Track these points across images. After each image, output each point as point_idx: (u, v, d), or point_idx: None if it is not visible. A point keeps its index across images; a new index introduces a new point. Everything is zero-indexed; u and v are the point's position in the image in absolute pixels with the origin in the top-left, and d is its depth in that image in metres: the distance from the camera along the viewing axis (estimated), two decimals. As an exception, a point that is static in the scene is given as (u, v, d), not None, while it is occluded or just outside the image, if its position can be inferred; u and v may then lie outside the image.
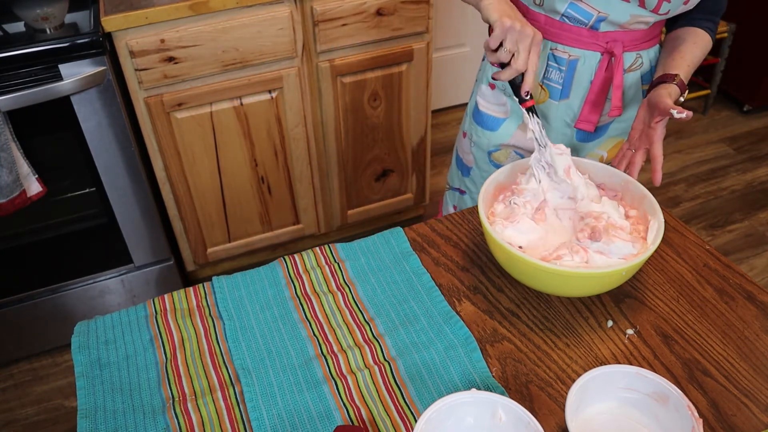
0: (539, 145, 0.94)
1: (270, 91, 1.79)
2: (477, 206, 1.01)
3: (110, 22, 1.52)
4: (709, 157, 2.77)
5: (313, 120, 1.90)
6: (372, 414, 0.78)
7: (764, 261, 2.26)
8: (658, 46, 1.13)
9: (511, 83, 0.95)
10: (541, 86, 1.11)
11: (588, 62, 1.07)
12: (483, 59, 1.23)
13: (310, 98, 1.85)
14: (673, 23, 1.11)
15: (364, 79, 1.86)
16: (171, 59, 1.62)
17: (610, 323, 0.89)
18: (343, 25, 1.74)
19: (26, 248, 1.75)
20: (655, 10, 0.99)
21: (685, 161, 2.74)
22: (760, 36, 2.79)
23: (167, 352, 0.87)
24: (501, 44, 0.91)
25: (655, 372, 0.77)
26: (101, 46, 1.50)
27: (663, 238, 0.96)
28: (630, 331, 0.88)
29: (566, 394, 0.74)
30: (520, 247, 0.90)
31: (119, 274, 1.91)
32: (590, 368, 0.82)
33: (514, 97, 0.98)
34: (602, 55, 1.06)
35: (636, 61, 1.10)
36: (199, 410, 0.79)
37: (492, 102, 1.18)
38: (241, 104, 1.77)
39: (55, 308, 1.88)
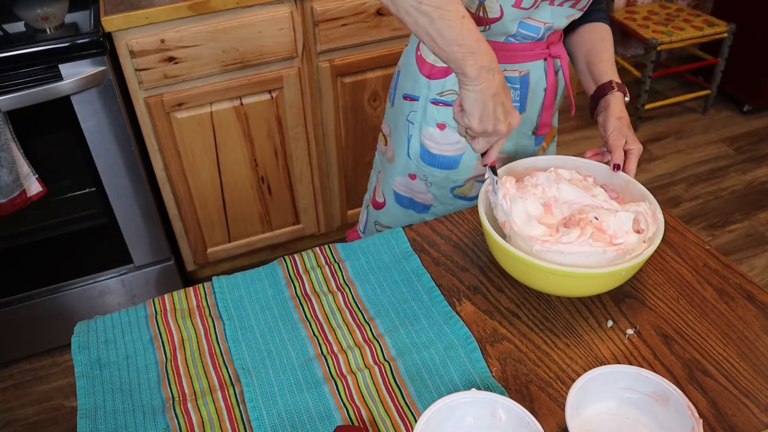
0: (494, 192, 0.94)
1: (270, 91, 1.79)
2: (477, 206, 1.01)
3: (110, 22, 1.52)
4: (709, 157, 2.77)
5: (313, 120, 1.90)
6: (372, 414, 0.78)
7: (764, 261, 2.26)
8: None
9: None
10: None
11: (537, 71, 1.07)
12: (417, 100, 1.12)
13: (310, 98, 1.85)
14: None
15: (364, 79, 1.86)
16: (171, 59, 1.62)
17: (610, 323, 0.89)
18: (343, 25, 1.74)
19: (26, 248, 1.75)
20: (583, 8, 1.03)
21: (685, 161, 2.74)
22: (759, 36, 2.79)
23: (167, 352, 0.87)
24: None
25: (655, 372, 0.77)
26: (101, 46, 1.50)
27: (663, 238, 0.96)
28: (630, 331, 0.88)
29: (566, 394, 0.74)
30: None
31: (119, 274, 1.91)
32: (590, 368, 0.82)
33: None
34: (545, 60, 1.07)
35: None
36: (199, 410, 0.79)
37: (444, 142, 1.13)
38: (241, 104, 1.77)
39: (55, 308, 1.88)
